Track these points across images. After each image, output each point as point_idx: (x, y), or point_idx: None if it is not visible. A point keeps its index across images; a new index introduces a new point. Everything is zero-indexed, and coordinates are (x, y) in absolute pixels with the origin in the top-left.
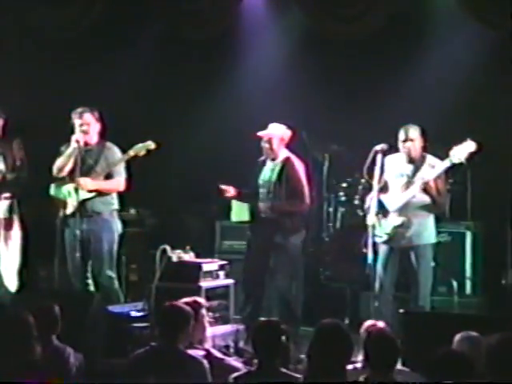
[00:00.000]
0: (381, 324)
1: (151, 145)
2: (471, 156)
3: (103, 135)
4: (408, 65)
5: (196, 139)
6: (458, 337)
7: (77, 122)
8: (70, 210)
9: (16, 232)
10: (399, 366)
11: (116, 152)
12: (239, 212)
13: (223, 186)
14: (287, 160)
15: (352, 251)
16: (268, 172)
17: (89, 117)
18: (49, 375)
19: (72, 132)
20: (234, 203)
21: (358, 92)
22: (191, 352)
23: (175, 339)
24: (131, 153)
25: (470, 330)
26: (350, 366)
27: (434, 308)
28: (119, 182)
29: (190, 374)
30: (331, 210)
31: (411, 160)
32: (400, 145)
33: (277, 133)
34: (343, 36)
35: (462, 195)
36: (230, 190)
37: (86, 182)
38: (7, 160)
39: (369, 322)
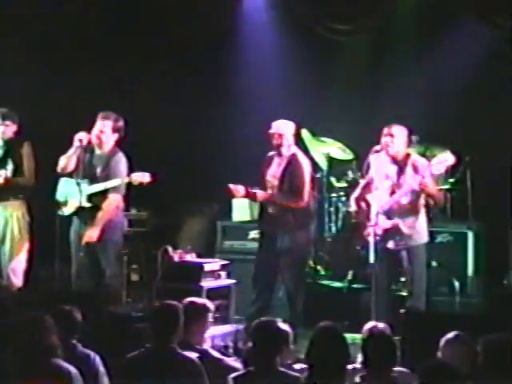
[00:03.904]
0: (381, 325)
1: (146, 178)
2: (451, 168)
3: (119, 144)
4: (408, 64)
5: (197, 138)
6: (445, 338)
7: (97, 123)
8: (70, 209)
9: (24, 232)
10: (398, 367)
11: (121, 166)
12: (240, 211)
13: (232, 186)
14: (293, 156)
15: (353, 251)
16: (274, 168)
17: (108, 125)
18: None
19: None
20: (236, 203)
21: (358, 91)
22: (187, 353)
23: (168, 339)
24: (126, 180)
25: (470, 330)
26: (349, 367)
27: (434, 308)
28: (115, 199)
29: (185, 375)
30: (332, 209)
31: (394, 160)
32: (382, 140)
33: (288, 130)
34: (343, 36)
35: (463, 195)
36: (240, 190)
37: (89, 234)
38: (16, 164)
39: (370, 324)
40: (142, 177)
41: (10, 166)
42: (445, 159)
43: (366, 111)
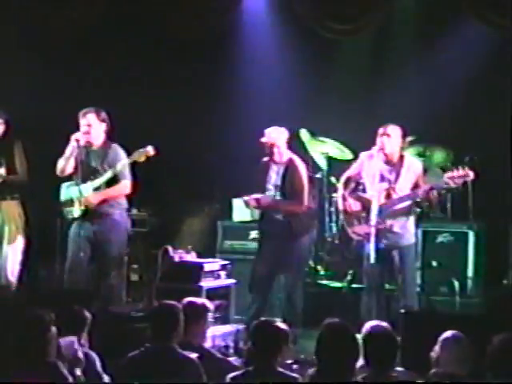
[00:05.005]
0: (383, 324)
1: (150, 151)
2: (467, 183)
3: (110, 136)
4: (408, 65)
5: (197, 139)
6: (442, 337)
7: (81, 121)
8: (76, 212)
9: (20, 232)
10: (398, 367)
11: (120, 154)
12: (241, 212)
13: (246, 198)
14: (290, 162)
15: (354, 251)
16: (273, 175)
17: (92, 117)
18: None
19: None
20: (236, 202)
21: (359, 91)
22: (187, 353)
23: (168, 339)
24: (130, 159)
25: (470, 330)
26: None
27: (434, 308)
28: (125, 185)
29: (185, 375)
30: (332, 209)
31: (389, 161)
32: (377, 140)
33: (280, 137)
34: (343, 36)
35: (463, 195)
36: (252, 202)
37: (90, 198)
38: (8, 162)
39: (371, 323)
40: (146, 152)
41: (2, 166)
42: (465, 174)
43: (366, 111)
